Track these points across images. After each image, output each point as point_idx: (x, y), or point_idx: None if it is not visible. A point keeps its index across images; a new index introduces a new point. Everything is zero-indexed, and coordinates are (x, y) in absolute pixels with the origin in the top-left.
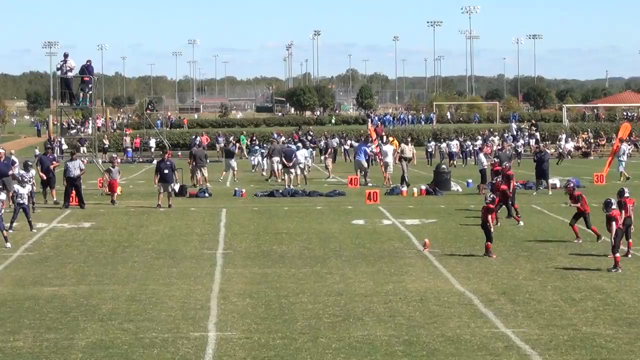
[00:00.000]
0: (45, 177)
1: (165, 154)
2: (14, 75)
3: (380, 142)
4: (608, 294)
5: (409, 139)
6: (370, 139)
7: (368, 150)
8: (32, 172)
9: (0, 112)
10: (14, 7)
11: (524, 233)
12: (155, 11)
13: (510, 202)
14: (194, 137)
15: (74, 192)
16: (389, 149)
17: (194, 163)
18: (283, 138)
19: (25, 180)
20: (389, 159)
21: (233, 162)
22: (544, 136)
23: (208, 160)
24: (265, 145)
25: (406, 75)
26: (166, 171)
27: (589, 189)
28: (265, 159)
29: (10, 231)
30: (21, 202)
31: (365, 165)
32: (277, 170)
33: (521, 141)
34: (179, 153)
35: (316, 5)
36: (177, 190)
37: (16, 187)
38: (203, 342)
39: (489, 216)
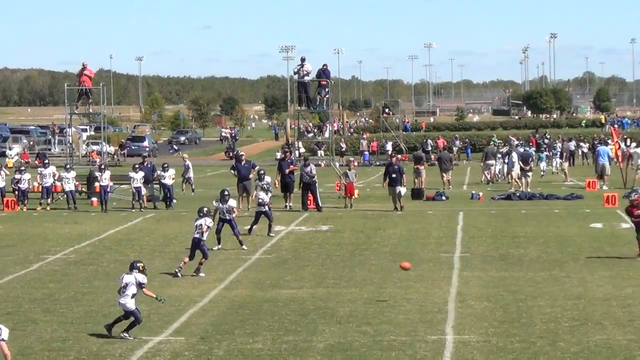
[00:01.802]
0: (279, 184)
1: (393, 157)
2: (252, 80)
3: (623, 144)
4: None
5: None
6: (610, 140)
7: (610, 152)
8: (268, 179)
9: (238, 116)
10: (253, 12)
11: None
12: (391, 15)
13: None
14: (424, 139)
15: (310, 196)
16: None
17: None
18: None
19: (267, 188)
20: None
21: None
22: None
23: (454, 164)
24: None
25: None
26: (394, 175)
27: None
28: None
29: (250, 235)
30: (262, 209)
31: (608, 168)
32: (515, 174)
33: None
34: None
35: (553, 8)
36: (403, 192)
37: (261, 195)
38: (441, 345)
39: None
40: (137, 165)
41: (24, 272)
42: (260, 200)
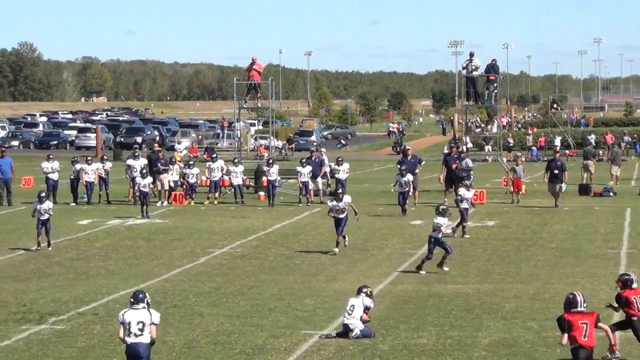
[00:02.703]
0: (443, 179)
1: (557, 153)
2: (419, 74)
3: None
4: None
5: None
6: None
7: None
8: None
9: (406, 111)
10: (421, 7)
11: None
12: (560, 10)
13: None
14: (588, 135)
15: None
16: None
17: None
18: None
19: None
20: None
21: None
22: None
23: (621, 160)
24: None
25: None
26: (556, 171)
27: None
28: None
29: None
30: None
31: None
32: None
33: None
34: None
35: None
36: (564, 188)
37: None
38: (605, 342)
39: None
40: (304, 160)
41: (191, 265)
42: (459, 197)
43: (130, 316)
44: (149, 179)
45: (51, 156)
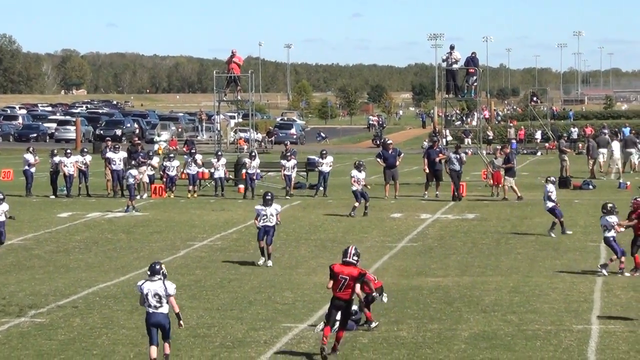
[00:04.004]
0: (428, 171)
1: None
2: (399, 67)
3: None
4: None
5: None
6: None
7: None
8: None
9: (386, 104)
10: (402, 0)
11: None
12: (540, 3)
13: None
14: (572, 128)
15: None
16: None
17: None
18: None
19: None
20: None
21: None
22: None
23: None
24: None
25: None
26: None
27: None
28: None
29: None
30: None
31: None
32: None
33: None
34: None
35: None
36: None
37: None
38: (586, 335)
39: None
40: (288, 154)
41: (171, 258)
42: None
43: (147, 287)
44: (136, 171)
45: (32, 149)
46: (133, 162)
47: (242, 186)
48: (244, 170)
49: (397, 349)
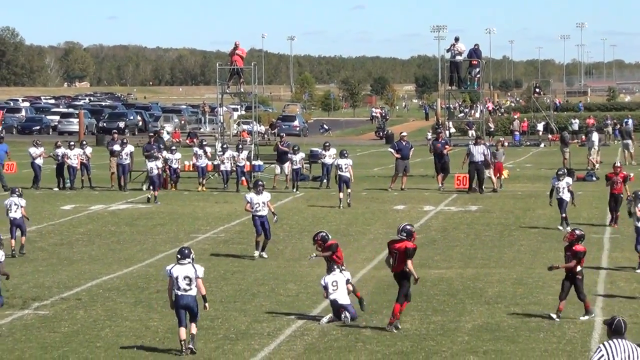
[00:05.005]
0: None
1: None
2: (402, 59)
3: None
4: None
5: None
6: None
7: None
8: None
9: (389, 96)
10: None
11: None
12: None
13: None
14: (573, 119)
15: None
16: None
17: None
18: None
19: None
20: None
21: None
22: None
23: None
24: None
25: None
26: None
27: None
28: None
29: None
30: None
31: None
32: None
33: None
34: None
35: None
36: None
37: None
38: (589, 327)
39: None
40: (296, 147)
41: (174, 250)
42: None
43: (177, 271)
44: (159, 163)
45: (38, 142)
46: (147, 154)
47: (244, 178)
48: (248, 163)
49: (401, 341)
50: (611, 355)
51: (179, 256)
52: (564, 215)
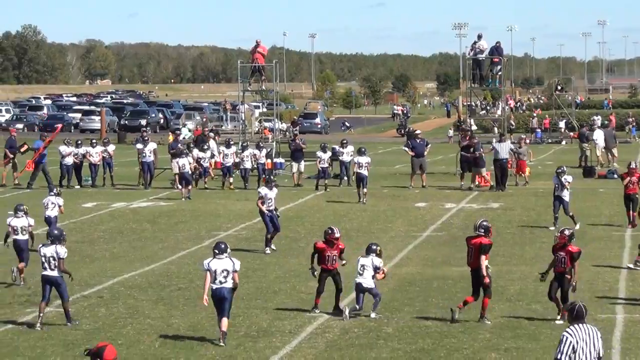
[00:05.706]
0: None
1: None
2: (424, 57)
3: None
4: None
5: None
6: None
7: None
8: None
9: (411, 94)
10: None
11: None
12: None
13: None
14: (595, 117)
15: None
16: None
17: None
18: None
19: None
20: None
21: None
22: None
23: (617, 142)
24: None
25: None
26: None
27: None
28: None
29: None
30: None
31: None
32: None
33: None
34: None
35: None
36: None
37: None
38: (610, 324)
39: None
40: (324, 145)
41: (196, 248)
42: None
43: (215, 265)
44: (190, 159)
45: (69, 140)
46: (173, 151)
47: (265, 176)
48: (268, 160)
49: (422, 339)
50: (575, 339)
51: (216, 251)
52: (571, 214)
